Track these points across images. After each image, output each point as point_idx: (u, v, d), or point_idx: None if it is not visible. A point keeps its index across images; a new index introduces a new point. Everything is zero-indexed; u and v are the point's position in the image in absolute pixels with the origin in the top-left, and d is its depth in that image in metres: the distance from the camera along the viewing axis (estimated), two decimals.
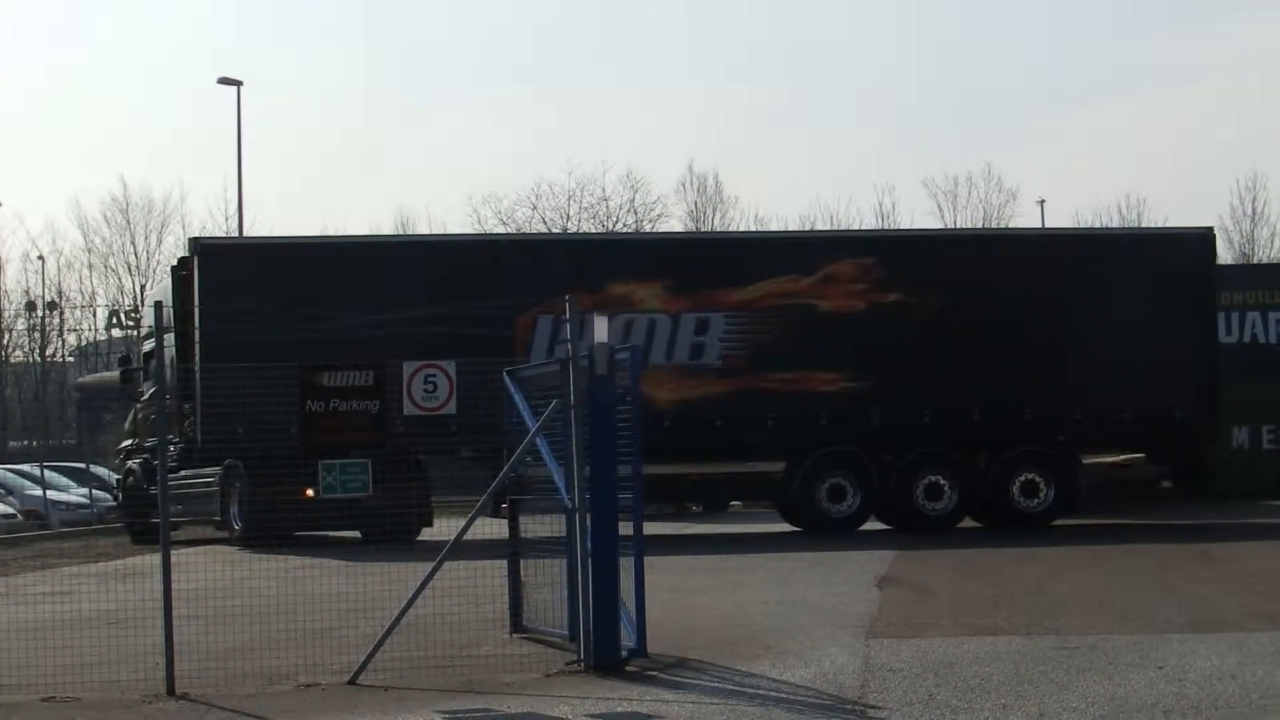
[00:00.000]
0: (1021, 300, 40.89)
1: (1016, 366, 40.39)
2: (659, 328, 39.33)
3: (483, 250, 44.08)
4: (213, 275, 37.94)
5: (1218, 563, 30.95)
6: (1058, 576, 29.38)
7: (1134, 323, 41.16)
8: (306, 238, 49.67)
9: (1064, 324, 40.93)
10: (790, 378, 39.72)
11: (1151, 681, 17.43)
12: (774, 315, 39.93)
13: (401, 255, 42.99)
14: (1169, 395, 41.41)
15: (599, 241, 53.85)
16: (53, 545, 44.40)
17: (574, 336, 19.55)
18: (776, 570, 30.98)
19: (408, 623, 19.45)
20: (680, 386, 39.35)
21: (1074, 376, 40.63)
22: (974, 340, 40.28)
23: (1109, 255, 44.88)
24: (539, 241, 52.06)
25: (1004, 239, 52.21)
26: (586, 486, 19.22)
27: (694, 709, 16.78)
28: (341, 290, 37.31)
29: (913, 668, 18.68)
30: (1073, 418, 40.86)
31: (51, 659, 19.88)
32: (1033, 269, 42.28)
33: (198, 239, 38.65)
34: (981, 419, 40.40)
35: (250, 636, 21.35)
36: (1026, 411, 40.49)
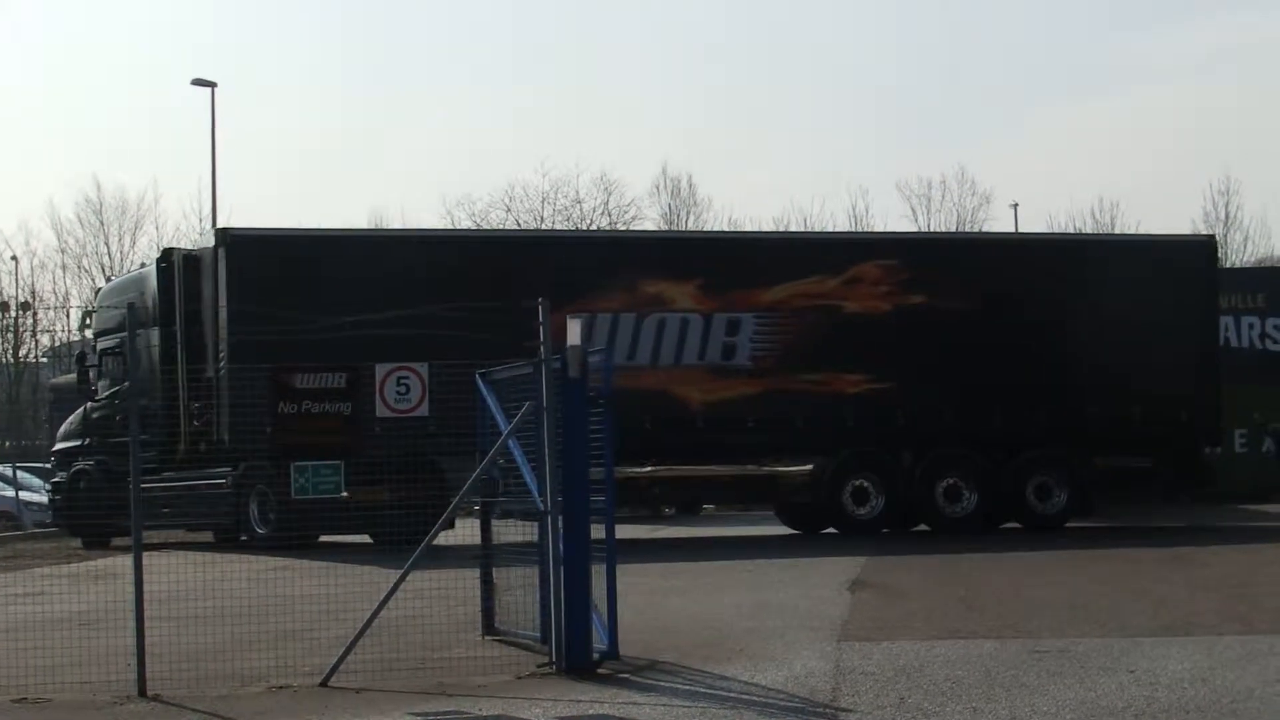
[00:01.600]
0: (1038, 304, 41.38)
1: (1033, 369, 40.71)
2: (691, 328, 39.49)
3: (513, 245, 43.97)
4: (241, 268, 37.32)
5: (1191, 565, 31.03)
6: (1030, 580, 29.44)
7: (1141, 327, 41.71)
8: (342, 230, 49.43)
9: (1076, 328, 41.40)
10: (818, 379, 40.02)
11: (1122, 685, 17.48)
12: (802, 316, 40.21)
13: (441, 249, 42.74)
14: (1175, 398, 41.93)
15: (633, 239, 53.78)
16: (25, 545, 44.46)
17: (546, 338, 19.55)
18: (750, 573, 31.05)
19: (380, 625, 19.48)
20: (714, 387, 39.60)
21: (1086, 379, 41.11)
22: (993, 343, 40.65)
23: (1119, 261, 45.36)
24: (574, 238, 51.96)
25: (1023, 244, 52.50)
26: (559, 489, 19.26)
27: (665, 712, 16.82)
28: (377, 284, 36.98)
29: (884, 671, 18.72)
30: (1084, 420, 41.22)
31: (23, 660, 19.89)
32: (1048, 274, 42.74)
33: (225, 229, 38.14)
34: (1000, 422, 40.66)
35: (222, 638, 21.38)
36: (1041, 414, 40.79)
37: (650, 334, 39.03)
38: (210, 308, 37.94)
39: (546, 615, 19.57)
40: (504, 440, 20.29)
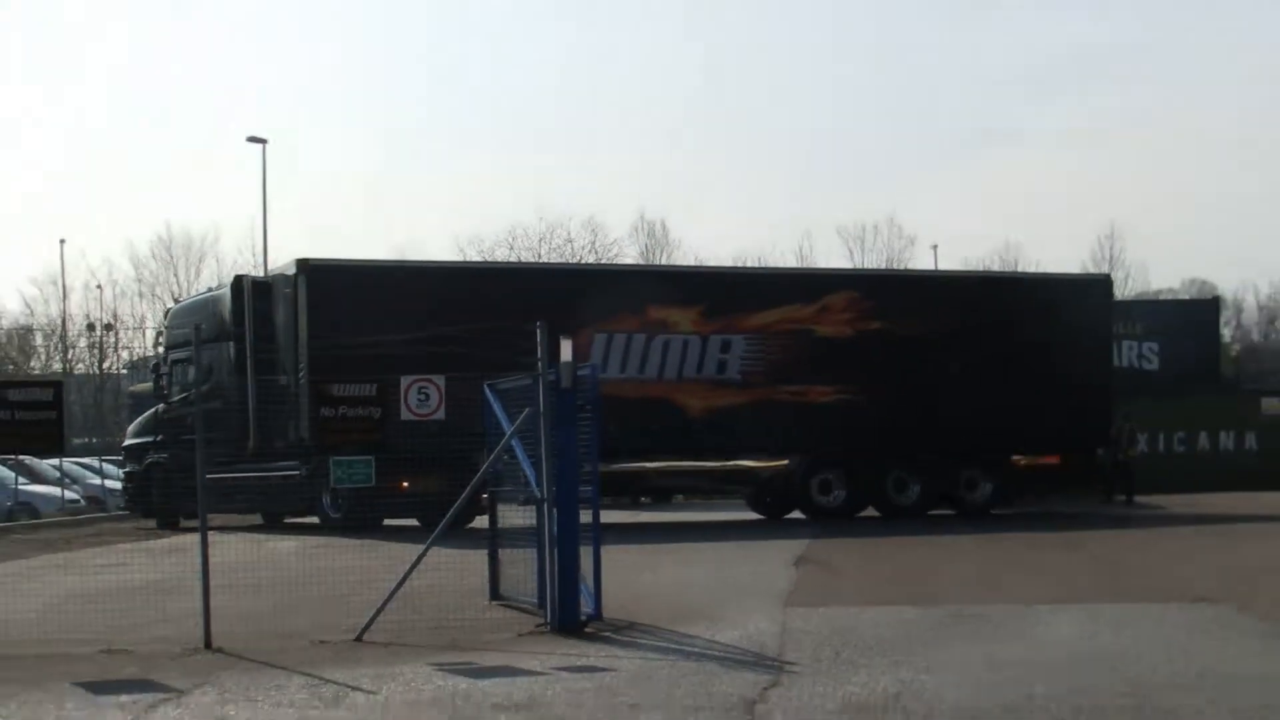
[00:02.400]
0: (971, 329, 41.52)
1: (966, 383, 40.93)
2: (691, 347, 39.64)
3: (547, 276, 44.13)
4: (317, 293, 37.39)
5: (1079, 547, 31.10)
6: (945, 558, 29.54)
7: (1053, 348, 42.14)
8: (404, 261, 49.52)
9: (1002, 348, 41.53)
10: (795, 390, 40.18)
11: (1019, 643, 17.58)
12: (782, 338, 40.40)
13: (483, 279, 43.06)
14: (1078, 408, 42.48)
15: (643, 271, 54.25)
16: (109, 525, 44.34)
17: (544, 355, 19.65)
18: (712, 553, 31.14)
19: (404, 592, 19.54)
20: (708, 397, 39.71)
21: (1008, 391, 41.11)
22: (935, 361, 40.84)
23: (1036, 294, 46.70)
24: (592, 270, 52.03)
25: (962, 279, 53.20)
26: (553, 480, 19.38)
27: (641, 664, 16.92)
28: (430, 307, 37.04)
29: (822, 631, 18.80)
30: (1006, 426, 41.42)
31: (109, 619, 20.02)
32: (979, 304, 43.33)
33: (305, 260, 38.24)
34: (939, 426, 40.88)
35: (273, 602, 21.46)
36: (972, 420, 40.96)
37: (657, 351, 39.29)
38: (287, 326, 37.99)
39: (542, 584, 19.65)
40: (508, 439, 20.42)
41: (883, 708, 14.02)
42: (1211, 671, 15.54)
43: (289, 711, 14.59)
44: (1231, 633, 18.28)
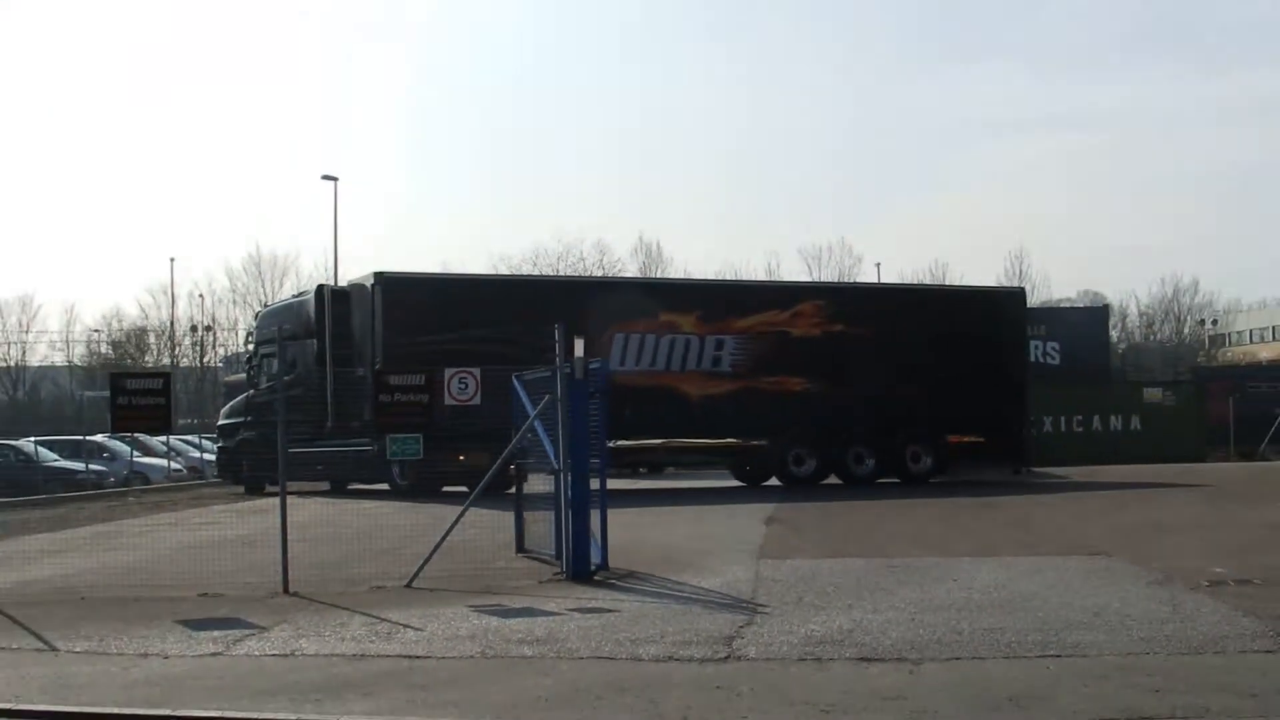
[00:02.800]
0: (914, 332, 41.80)
1: (911, 375, 41.19)
2: (692, 345, 39.94)
3: (579, 287, 44.31)
4: (391, 299, 37.50)
5: (996, 510, 31.03)
6: (886, 519, 29.43)
7: (980, 347, 42.89)
8: (462, 274, 49.57)
9: (939, 347, 41.78)
10: (774, 380, 40.43)
11: (949, 589, 17.48)
12: (764, 338, 40.68)
13: (525, 288, 43.27)
14: (999, 398, 43.13)
15: (655, 283, 54.87)
16: (207, 491, 44.35)
17: (561, 353, 19.55)
18: (696, 514, 31.00)
19: (446, 546, 19.46)
20: (705, 385, 39.97)
21: (943, 382, 41.54)
22: (886, 358, 41.09)
23: (966, 303, 47.53)
24: (618, 282, 52.45)
25: (907, 290, 53.97)
26: (568, 454, 19.29)
27: (640, 604, 16.82)
28: (483, 312, 37.00)
29: (788, 579, 18.70)
30: (942, 410, 41.81)
31: (205, 567, 19.97)
32: (920, 311, 44.08)
33: (381, 272, 38.53)
34: (889, 411, 41.13)
35: (339, 554, 21.40)
36: (916, 406, 41.29)
37: (665, 348, 39.63)
38: (364, 326, 37.94)
39: (559, 540, 19.59)
40: (530, 421, 20.34)
41: (839, 642, 13.93)
42: (1105, 611, 15.46)
43: (351, 644, 14.52)
44: (1123, 580, 18.17)
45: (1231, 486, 38.36)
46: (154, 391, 19.51)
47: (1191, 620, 14.80)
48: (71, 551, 24.33)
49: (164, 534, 28.05)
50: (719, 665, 13.08)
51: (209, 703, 11.96)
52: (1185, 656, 13.04)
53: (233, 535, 25.50)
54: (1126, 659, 12.91)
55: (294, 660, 13.86)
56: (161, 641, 14.92)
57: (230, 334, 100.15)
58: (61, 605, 17.76)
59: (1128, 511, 30.28)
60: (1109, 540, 23.60)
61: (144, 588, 19.02)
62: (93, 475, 48.07)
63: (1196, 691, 11.50)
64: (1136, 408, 57.11)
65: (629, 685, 12.22)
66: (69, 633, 15.52)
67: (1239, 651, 13.24)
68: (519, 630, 15.09)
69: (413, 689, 12.35)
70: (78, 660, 14.15)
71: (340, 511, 30.06)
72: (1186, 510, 30.57)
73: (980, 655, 13.24)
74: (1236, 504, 32.05)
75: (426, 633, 15.12)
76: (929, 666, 12.79)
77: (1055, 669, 12.56)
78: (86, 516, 33.19)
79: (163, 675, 13.22)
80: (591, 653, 13.77)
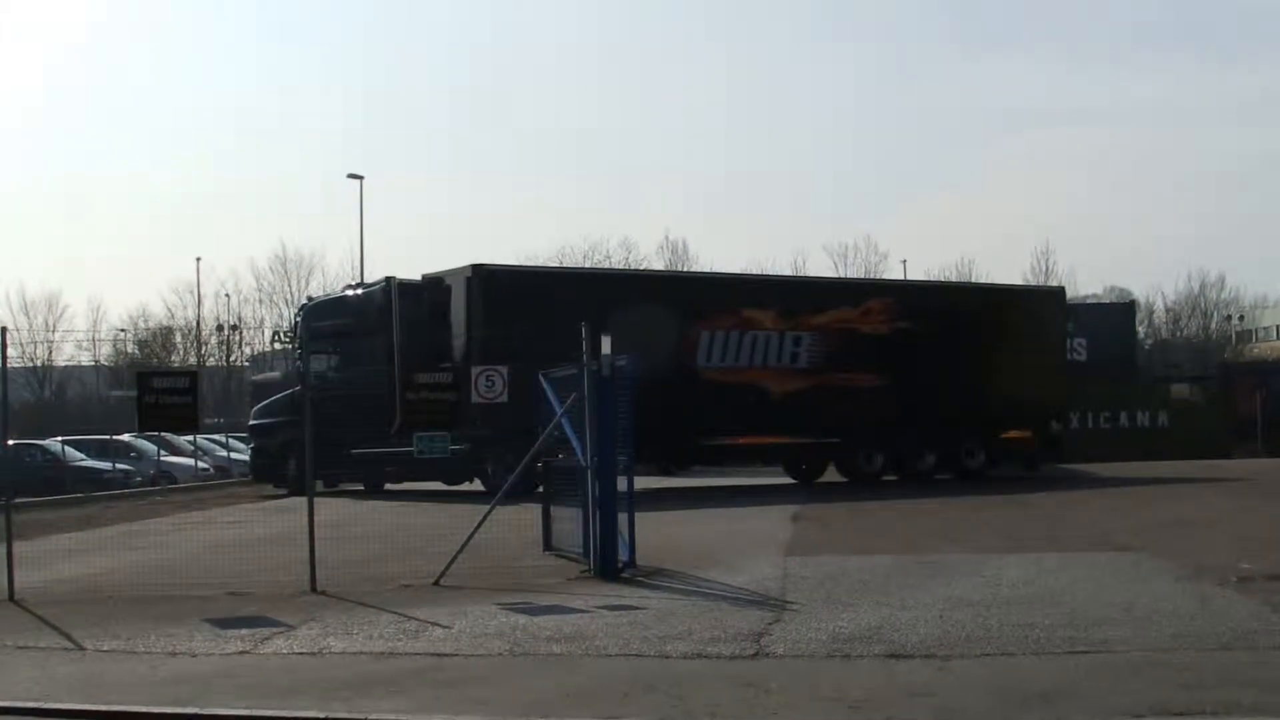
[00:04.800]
0: (971, 329, 42.21)
1: (967, 371, 41.43)
2: (771, 341, 39.77)
3: (666, 282, 43.95)
4: (490, 292, 36.97)
5: (1024, 506, 30.98)
6: (914, 516, 29.41)
7: (1026, 344, 43.26)
8: (559, 268, 49.54)
9: (992, 344, 42.11)
10: (846, 377, 40.38)
11: (977, 585, 17.47)
12: (837, 334, 40.69)
13: (618, 282, 43.14)
14: (1044, 394, 43.69)
15: (736, 279, 54.43)
16: (234, 490, 44.44)
17: (588, 350, 19.48)
18: (725, 511, 31.00)
19: (474, 544, 19.51)
20: (786, 381, 39.82)
21: (997, 380, 41.81)
22: (945, 354, 41.21)
23: (1016, 301, 48.91)
24: (701, 278, 52.21)
25: (962, 289, 54.62)
26: (595, 452, 19.27)
27: (667, 601, 16.83)
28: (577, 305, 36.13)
29: (816, 575, 18.69)
30: (995, 408, 42.20)
31: (233, 566, 20.05)
32: (976, 309, 44.80)
33: (480, 265, 38.22)
34: (949, 407, 41.23)
35: (367, 552, 21.40)
36: (972, 403, 41.46)
37: (748, 345, 39.40)
38: (456, 319, 37.33)
39: (587, 537, 19.56)
40: (558, 419, 20.31)
41: (867, 639, 13.92)
42: (1134, 606, 15.44)
43: (379, 643, 14.55)
44: (1150, 575, 18.15)
45: (1259, 482, 38.22)
46: (180, 390, 19.56)
47: (1221, 616, 14.76)
48: (98, 551, 24.39)
49: (191, 533, 28.11)
50: (747, 662, 13.07)
51: (237, 701, 11.99)
52: (1215, 652, 13.00)
53: (260, 534, 25.54)
54: (1156, 655, 12.88)
55: (322, 658, 13.88)
56: (189, 640, 14.96)
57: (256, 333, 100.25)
58: (89, 604, 17.83)
59: (1155, 507, 30.20)
60: (1137, 536, 23.55)
61: (171, 586, 19.10)
62: (119, 475, 48.18)
63: (1227, 687, 11.47)
64: (1163, 404, 57.02)
65: (657, 683, 12.22)
66: (97, 632, 15.57)
67: (1269, 647, 13.19)
68: (547, 628, 15.09)
69: (440, 686, 12.37)
70: (105, 659, 14.20)
71: (367, 510, 30.12)
72: (1214, 506, 30.47)
73: (1009, 651, 13.22)
74: (1264, 500, 31.98)
75: (454, 630, 15.13)
76: (958, 663, 12.76)
77: (1084, 665, 12.54)
78: (113, 516, 33.25)
79: (191, 674, 13.25)
80: (619, 650, 13.77)
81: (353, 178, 76.70)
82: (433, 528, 23.71)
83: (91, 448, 51.60)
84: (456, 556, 19.16)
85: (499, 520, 20.24)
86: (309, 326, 41.33)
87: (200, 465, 53.20)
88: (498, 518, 20.14)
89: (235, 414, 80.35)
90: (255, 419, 44.48)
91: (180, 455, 53.52)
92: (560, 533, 21.52)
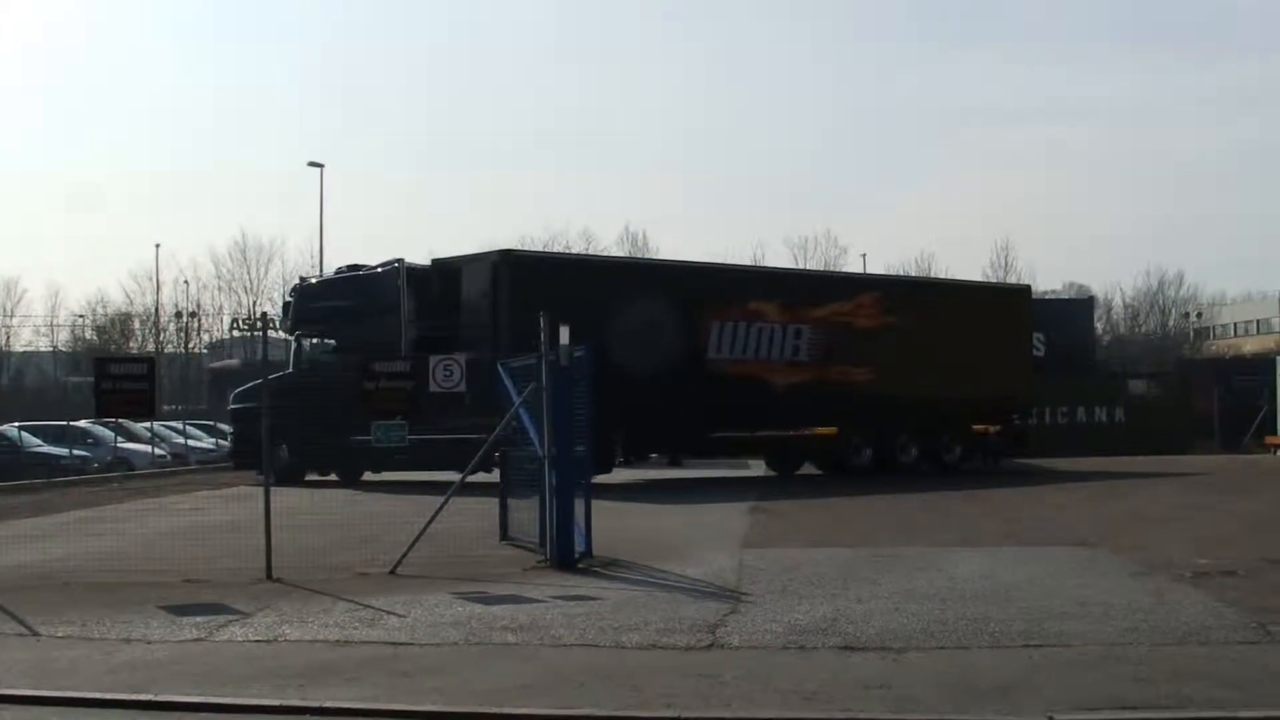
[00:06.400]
0: (947, 324, 42.57)
1: (945, 365, 41.65)
2: (775, 334, 39.80)
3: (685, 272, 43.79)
4: (519, 277, 36.28)
5: (981, 501, 31.05)
6: (871, 509, 29.50)
7: (996, 340, 44.04)
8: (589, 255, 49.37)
9: (965, 340, 42.57)
10: (841, 371, 40.70)
11: (933, 579, 17.49)
12: (834, 328, 40.85)
13: (644, 274, 42.76)
14: (1014, 389, 44.63)
15: (747, 271, 55.32)
16: (191, 477, 44.32)
17: (546, 342, 19.42)
18: (684, 503, 31.01)
19: (430, 533, 19.44)
20: (788, 374, 39.88)
21: (973, 375, 42.37)
22: (927, 349, 41.45)
23: (988, 298, 50.39)
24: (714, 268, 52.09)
25: (941, 284, 54.24)
26: (553, 442, 19.24)
27: (623, 592, 16.82)
28: (602, 293, 36.17)
29: (772, 568, 18.70)
30: (971, 402, 42.77)
31: (189, 553, 19.98)
32: (951, 305, 44.96)
33: (509, 250, 38.61)
34: (930, 400, 41.47)
35: (323, 541, 21.27)
36: (951, 397, 41.85)
37: (754, 337, 39.44)
38: (481, 305, 36.53)
39: (543, 527, 19.55)
40: (515, 409, 20.29)
41: (822, 631, 13.93)
42: (1090, 601, 15.47)
43: (334, 631, 14.52)
44: (1107, 570, 18.22)
45: (1216, 478, 38.42)
46: (138, 377, 19.48)
47: (1175, 611, 14.82)
48: (55, 537, 24.27)
49: (148, 520, 28.03)
50: (702, 653, 13.07)
51: (192, 688, 11.95)
52: (1169, 647, 13.04)
53: (217, 521, 25.49)
54: (1110, 649, 12.91)
55: (277, 646, 13.84)
56: (144, 627, 14.90)
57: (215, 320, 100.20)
58: (44, 590, 17.75)
59: (1112, 502, 30.33)
60: (1093, 531, 23.62)
61: (127, 573, 19.03)
62: (76, 461, 48.03)
63: (1179, 681, 11.51)
64: (1121, 400, 57.39)
65: (612, 672, 12.22)
66: (52, 618, 15.49)
67: (1222, 642, 13.24)
68: (502, 617, 15.07)
69: (396, 675, 12.34)
70: (60, 645, 14.13)
71: (325, 499, 30.05)
72: (1170, 502, 30.60)
73: (964, 644, 13.24)
74: (1220, 496, 32.09)
75: (410, 619, 15.10)
76: (912, 655, 12.78)
77: (1039, 658, 12.56)
78: (70, 502, 33.10)
79: (145, 660, 13.20)
80: (575, 640, 13.76)
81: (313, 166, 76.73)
82: (392, 516, 23.69)
83: (49, 434, 51.42)
84: (413, 545, 19.12)
85: (457, 510, 20.20)
86: (305, 308, 40.46)
87: (158, 452, 53.12)
88: (456, 507, 20.08)
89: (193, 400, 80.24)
90: (236, 403, 42.47)
91: (138, 442, 53.41)
92: (517, 522, 21.48)
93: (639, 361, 34.62)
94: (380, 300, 37.88)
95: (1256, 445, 54.52)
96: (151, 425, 53.22)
